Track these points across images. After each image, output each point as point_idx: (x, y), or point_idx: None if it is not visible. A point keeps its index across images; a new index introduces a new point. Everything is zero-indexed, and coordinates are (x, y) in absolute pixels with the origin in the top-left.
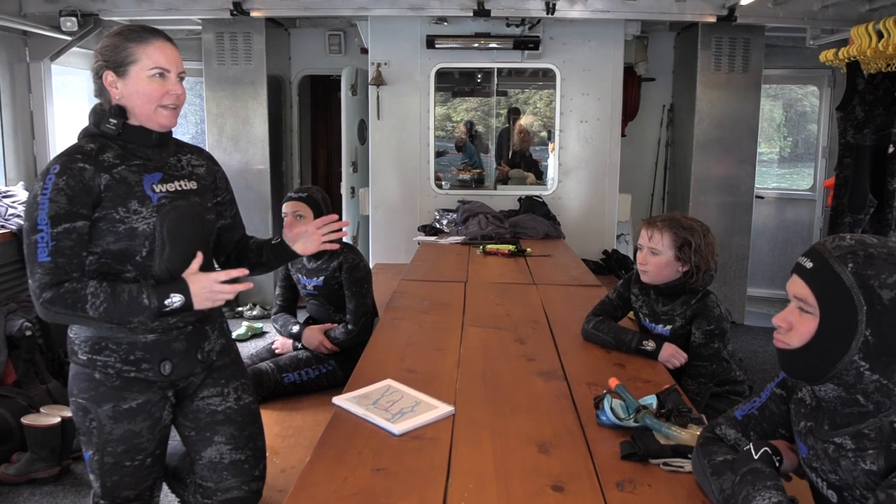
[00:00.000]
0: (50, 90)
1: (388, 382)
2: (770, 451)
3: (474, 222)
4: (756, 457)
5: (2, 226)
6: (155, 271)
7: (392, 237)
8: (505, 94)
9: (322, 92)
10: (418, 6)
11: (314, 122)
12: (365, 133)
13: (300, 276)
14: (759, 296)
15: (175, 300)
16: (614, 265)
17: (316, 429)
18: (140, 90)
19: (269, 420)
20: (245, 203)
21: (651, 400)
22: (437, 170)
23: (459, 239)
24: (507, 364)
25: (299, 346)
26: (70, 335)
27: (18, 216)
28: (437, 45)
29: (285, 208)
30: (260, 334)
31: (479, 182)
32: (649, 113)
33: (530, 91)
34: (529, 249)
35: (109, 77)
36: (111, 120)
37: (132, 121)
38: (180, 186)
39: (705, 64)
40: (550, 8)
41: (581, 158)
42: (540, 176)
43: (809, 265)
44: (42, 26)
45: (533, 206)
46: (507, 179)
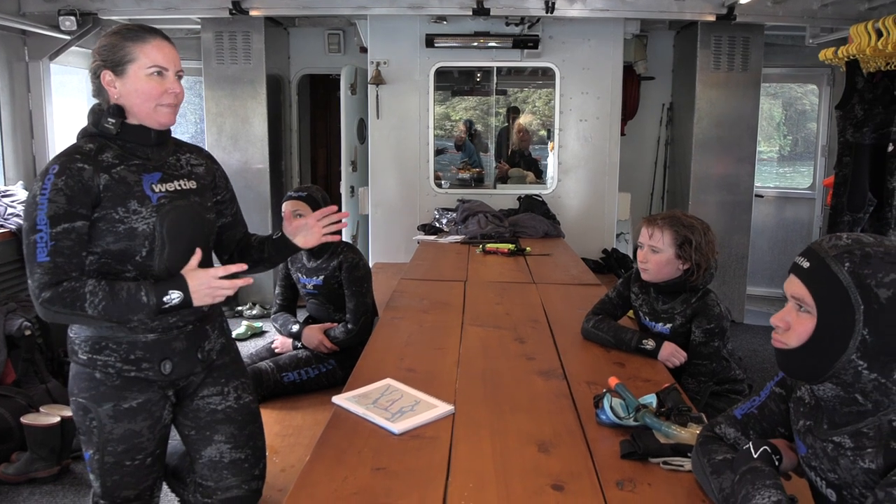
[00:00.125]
0: (49, 89)
1: (388, 382)
2: (769, 450)
3: (474, 221)
4: (755, 455)
5: (1, 225)
6: (155, 271)
7: (392, 236)
8: (504, 93)
9: (321, 91)
10: (418, 5)
11: (313, 122)
12: (364, 132)
13: (300, 276)
14: (759, 294)
15: (174, 297)
16: (614, 264)
17: (316, 428)
18: (139, 89)
19: (269, 419)
20: (244, 202)
21: (651, 399)
22: (437, 169)
23: (459, 238)
24: (507, 363)
25: (299, 346)
26: (70, 335)
27: (18, 215)
28: (437, 44)
29: (285, 207)
30: (260, 333)
31: (479, 181)
32: (649, 112)
33: (529, 90)
34: (529, 248)
35: (107, 76)
36: (110, 119)
37: (131, 120)
38: (180, 186)
39: (705, 63)
40: (550, 7)
41: (580, 157)
42: (539, 175)
43: (806, 265)
44: (41, 25)
45: (532, 205)
46: (507, 178)
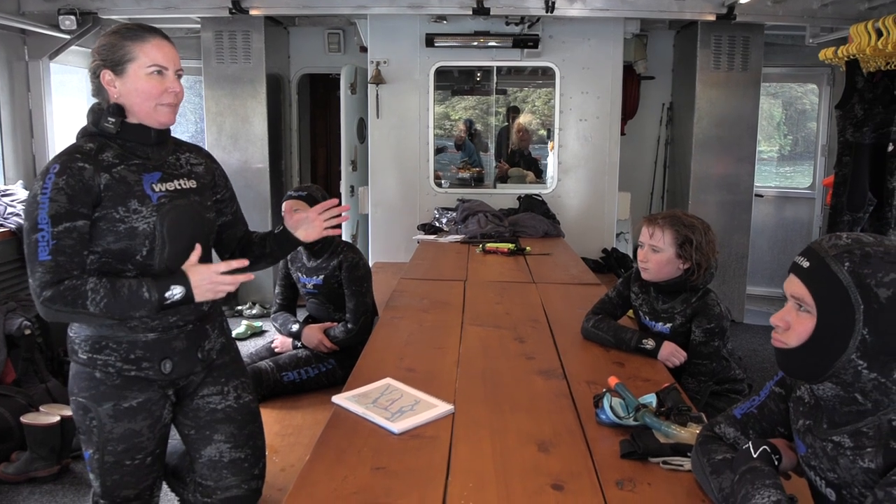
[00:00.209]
0: (49, 89)
1: (388, 381)
2: (769, 450)
3: (474, 221)
4: (755, 455)
5: (1, 224)
6: (155, 270)
7: (391, 236)
8: (504, 93)
9: (321, 90)
10: (417, 4)
11: (313, 121)
12: (364, 132)
13: (300, 275)
14: (759, 294)
15: (176, 292)
16: (614, 264)
17: (315, 427)
18: (139, 88)
19: (269, 419)
20: (244, 202)
21: (650, 398)
22: (437, 168)
23: (459, 237)
24: (507, 363)
25: (299, 345)
26: (70, 334)
27: (18, 215)
28: (437, 44)
29: (285, 207)
30: (259, 333)
31: (479, 181)
32: (649, 111)
33: (529, 89)
34: (529, 248)
35: (107, 76)
36: (110, 119)
37: (131, 119)
38: (180, 185)
39: (705, 62)
40: (550, 6)
41: (580, 157)
42: (539, 174)
43: (806, 264)
44: (41, 25)
45: (532, 205)
46: (507, 178)
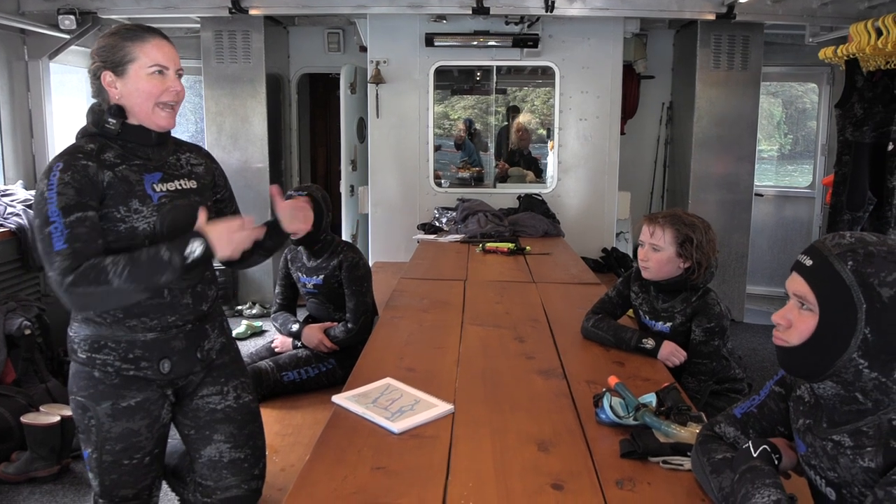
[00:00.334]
0: (48, 88)
1: (388, 381)
2: (769, 449)
3: (473, 220)
4: (755, 455)
5: (1, 224)
6: None
7: (391, 235)
8: (504, 92)
9: (321, 90)
10: (417, 4)
11: (313, 121)
12: (364, 131)
13: (300, 275)
14: (759, 293)
15: (195, 247)
16: (613, 263)
17: (315, 427)
18: (140, 88)
19: (269, 419)
20: (244, 202)
21: (650, 398)
22: (436, 168)
23: (459, 237)
24: (507, 362)
25: (299, 345)
26: (70, 334)
27: (18, 215)
28: (436, 43)
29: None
30: (259, 333)
31: (479, 180)
32: (648, 111)
33: (528, 89)
34: (529, 247)
35: (108, 77)
36: (110, 119)
37: (131, 120)
38: (180, 185)
39: (704, 61)
40: (549, 6)
41: (580, 156)
42: (539, 174)
43: (809, 263)
44: (40, 24)
45: (532, 205)
46: (507, 177)
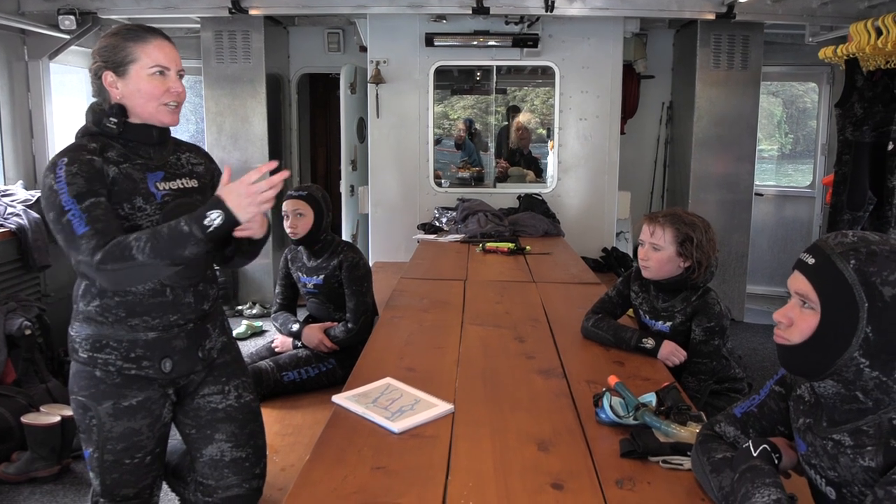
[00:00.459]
0: (48, 88)
1: (388, 381)
2: (769, 449)
3: (474, 220)
4: (755, 454)
5: (1, 225)
6: None
7: (391, 235)
8: (504, 92)
9: (321, 90)
10: (417, 4)
11: (313, 121)
12: (364, 131)
13: (300, 275)
14: (759, 293)
15: (214, 216)
16: (614, 263)
17: (315, 427)
18: (141, 89)
19: (269, 418)
20: None
21: (650, 397)
22: (436, 167)
23: (459, 237)
24: (507, 362)
25: (299, 345)
26: (71, 333)
27: (18, 215)
28: (436, 43)
29: (285, 206)
30: (260, 333)
31: (479, 180)
32: (648, 110)
33: (528, 89)
34: (529, 247)
35: (109, 77)
36: (112, 119)
37: (133, 119)
38: (182, 184)
39: (704, 61)
40: (549, 5)
41: (580, 156)
42: (539, 174)
43: (811, 261)
44: (40, 25)
45: (532, 204)
46: (507, 177)
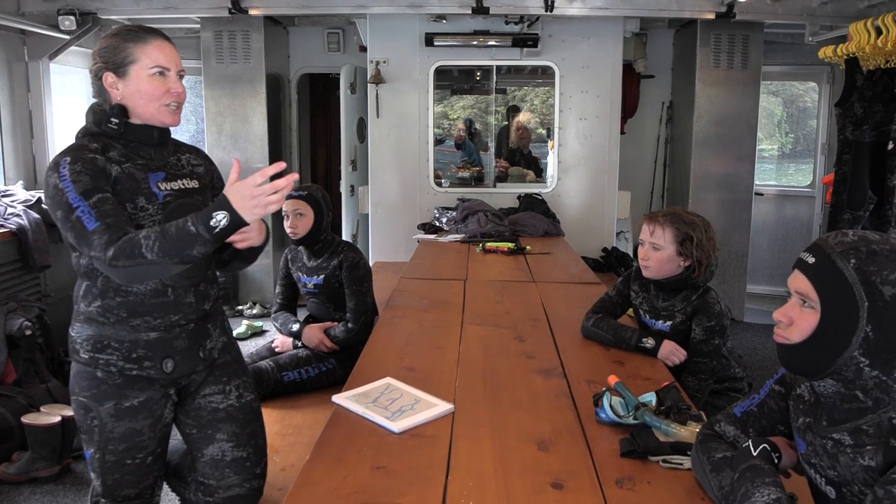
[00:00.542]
0: (48, 89)
1: (388, 381)
2: (769, 448)
3: (474, 220)
4: (755, 453)
5: (1, 225)
6: None
7: (392, 235)
8: (504, 92)
9: (321, 90)
10: (417, 4)
11: (313, 121)
12: (364, 131)
13: (300, 275)
14: (759, 293)
15: (219, 218)
16: (614, 263)
17: (316, 427)
18: (141, 90)
19: (269, 418)
20: None
21: (650, 397)
22: (436, 167)
23: (459, 237)
24: (507, 362)
25: (299, 345)
26: (72, 334)
27: (18, 215)
28: (436, 43)
29: (285, 206)
30: (260, 333)
31: (479, 180)
32: (648, 110)
33: (528, 88)
34: (529, 247)
35: (109, 78)
36: (113, 119)
37: (134, 120)
38: (183, 185)
39: (704, 61)
40: (549, 5)
41: (580, 156)
42: (539, 174)
43: (812, 260)
44: (40, 25)
45: (532, 204)
46: (507, 177)
